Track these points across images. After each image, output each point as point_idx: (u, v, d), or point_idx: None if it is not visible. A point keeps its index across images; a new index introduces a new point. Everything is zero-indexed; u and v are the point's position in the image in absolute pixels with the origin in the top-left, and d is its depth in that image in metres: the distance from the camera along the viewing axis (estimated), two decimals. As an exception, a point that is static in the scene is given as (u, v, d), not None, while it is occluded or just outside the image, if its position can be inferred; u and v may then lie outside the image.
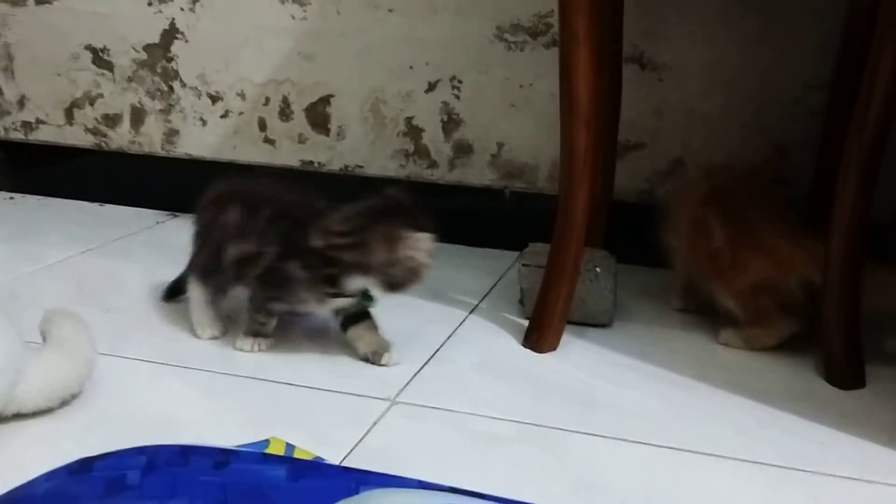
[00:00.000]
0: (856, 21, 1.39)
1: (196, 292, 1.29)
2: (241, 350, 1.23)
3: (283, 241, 1.18)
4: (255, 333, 1.24)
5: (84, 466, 0.79)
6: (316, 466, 0.81)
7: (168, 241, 1.77)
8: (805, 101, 1.56)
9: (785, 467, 0.99)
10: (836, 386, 1.19)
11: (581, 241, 1.28)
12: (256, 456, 0.80)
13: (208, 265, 1.27)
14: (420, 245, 1.12)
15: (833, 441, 1.05)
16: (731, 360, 1.28)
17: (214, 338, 1.27)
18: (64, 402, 1.04)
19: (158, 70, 1.92)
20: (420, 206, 1.15)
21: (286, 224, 1.19)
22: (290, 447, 0.89)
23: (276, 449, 0.88)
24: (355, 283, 1.16)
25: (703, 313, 1.42)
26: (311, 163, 1.87)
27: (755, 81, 1.58)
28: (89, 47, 1.95)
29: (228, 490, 0.73)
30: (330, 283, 1.16)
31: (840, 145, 1.16)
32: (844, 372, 1.19)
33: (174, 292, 1.40)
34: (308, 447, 0.94)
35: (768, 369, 1.24)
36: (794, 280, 1.25)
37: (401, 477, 0.79)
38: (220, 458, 0.77)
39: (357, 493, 0.71)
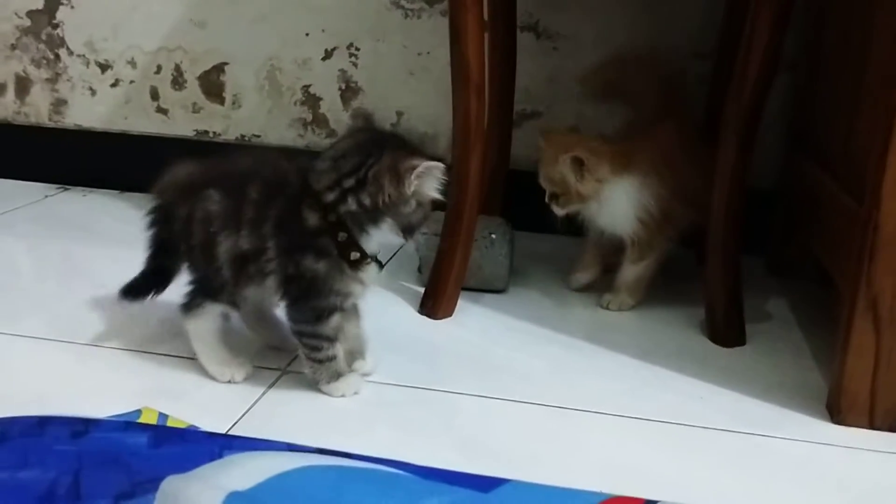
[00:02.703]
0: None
1: (200, 321, 1.05)
2: (343, 396, 1.04)
3: (277, 232, 0.97)
4: (336, 374, 1.03)
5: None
6: (180, 433, 0.80)
7: (57, 215, 1.70)
8: (692, 69, 1.59)
9: (665, 422, 1.02)
10: (719, 344, 1.23)
11: (475, 208, 1.29)
12: (118, 424, 0.78)
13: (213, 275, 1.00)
14: (433, 174, 0.96)
15: (712, 396, 1.09)
16: (620, 322, 1.31)
17: (245, 379, 1.06)
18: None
19: (43, 37, 1.84)
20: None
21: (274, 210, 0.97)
22: (163, 416, 0.87)
23: (148, 418, 0.86)
24: (374, 234, 0.98)
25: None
26: (207, 132, 1.83)
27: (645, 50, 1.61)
28: (-32, 13, 1.86)
29: (84, 458, 0.71)
30: (351, 249, 0.97)
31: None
32: (726, 331, 1.23)
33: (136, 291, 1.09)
34: (194, 418, 0.93)
35: (654, 330, 1.28)
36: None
37: (267, 440, 0.78)
38: (79, 427, 0.75)
39: (220, 457, 0.70)
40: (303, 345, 1.02)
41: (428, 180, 0.96)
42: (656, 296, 1.39)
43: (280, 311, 1.08)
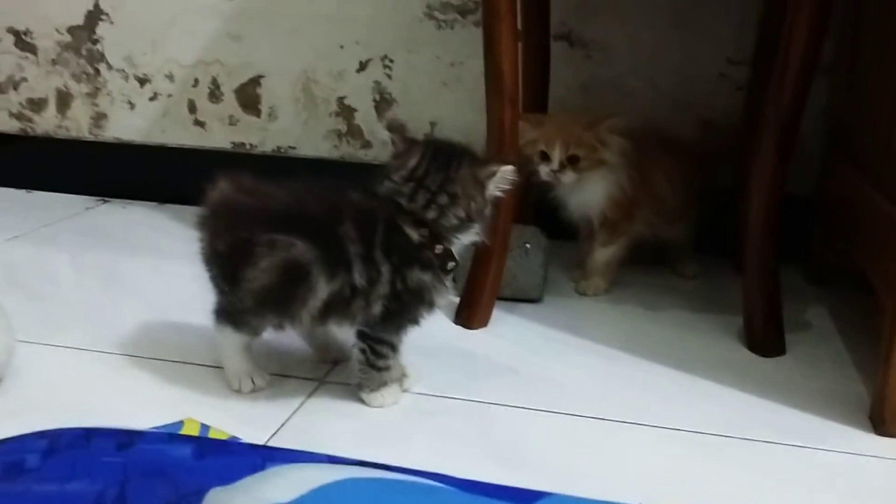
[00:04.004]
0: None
1: (229, 339, 1.06)
2: (381, 407, 1.05)
3: (388, 252, 0.99)
4: (384, 383, 1.05)
5: (-18, 452, 0.77)
6: (223, 444, 0.81)
7: (97, 228, 1.73)
8: (729, 76, 1.58)
9: (704, 433, 1.01)
10: (758, 354, 1.22)
11: (509, 218, 1.29)
12: (162, 436, 0.79)
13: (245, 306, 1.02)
14: (506, 177, 1.01)
15: (752, 407, 1.08)
16: (657, 332, 1.30)
17: (260, 390, 1.08)
18: (-18, 391, 1.02)
19: (84, 52, 1.88)
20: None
21: (372, 230, 0.99)
22: (204, 427, 0.88)
23: (190, 430, 0.87)
24: (462, 241, 1.03)
25: (631, 285, 1.45)
26: (243, 144, 1.85)
27: (680, 57, 1.60)
28: (11, 30, 1.89)
29: (130, 470, 0.72)
30: (448, 260, 1.02)
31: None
32: (765, 340, 1.22)
33: None
34: (234, 429, 0.94)
35: (692, 340, 1.27)
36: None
37: (309, 452, 0.79)
38: (125, 439, 0.76)
39: (263, 469, 0.71)
40: (372, 351, 1.03)
41: (500, 183, 1.01)
42: (694, 305, 1.38)
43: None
